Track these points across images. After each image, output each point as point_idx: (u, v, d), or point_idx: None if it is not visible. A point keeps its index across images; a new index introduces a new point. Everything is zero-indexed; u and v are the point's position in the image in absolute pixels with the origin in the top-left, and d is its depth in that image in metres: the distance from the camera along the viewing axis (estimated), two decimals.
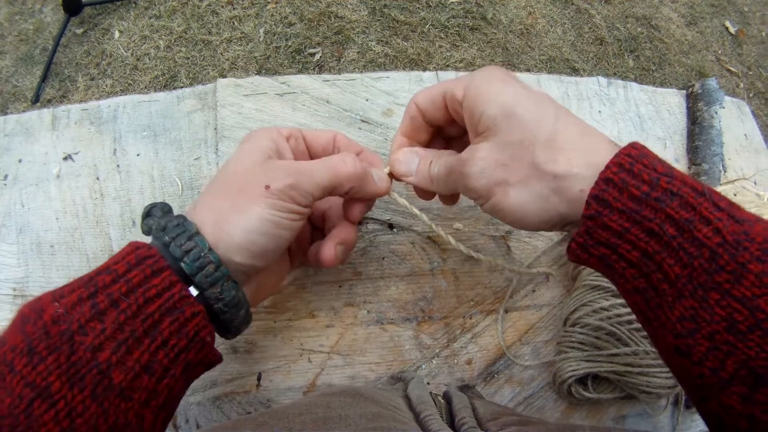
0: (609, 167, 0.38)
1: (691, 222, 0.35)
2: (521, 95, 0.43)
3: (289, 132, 0.50)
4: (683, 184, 0.36)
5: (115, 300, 0.36)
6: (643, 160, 0.37)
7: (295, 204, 0.43)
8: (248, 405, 0.55)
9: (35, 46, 2.00)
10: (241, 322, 0.45)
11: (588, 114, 0.73)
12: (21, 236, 0.59)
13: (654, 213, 0.36)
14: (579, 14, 2.35)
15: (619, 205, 0.37)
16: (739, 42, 2.64)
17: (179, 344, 0.38)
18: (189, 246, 0.40)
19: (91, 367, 0.34)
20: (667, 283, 0.36)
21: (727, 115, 0.79)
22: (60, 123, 0.64)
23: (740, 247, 0.33)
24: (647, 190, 0.36)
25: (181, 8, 2.01)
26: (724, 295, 0.33)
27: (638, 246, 0.37)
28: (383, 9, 2.07)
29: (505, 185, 0.42)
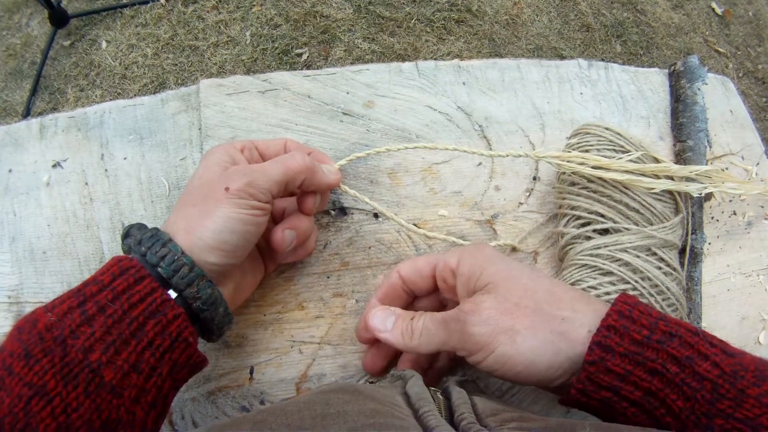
0: (609, 315, 0.41)
1: (692, 359, 0.38)
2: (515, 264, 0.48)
3: (242, 144, 0.54)
4: (679, 326, 0.40)
5: (102, 306, 0.39)
6: (639, 307, 0.41)
7: (255, 200, 0.46)
8: (242, 398, 0.56)
9: (24, 60, 2.00)
10: (222, 321, 0.47)
11: (570, 96, 0.74)
12: (14, 244, 0.60)
13: (656, 353, 0.39)
14: (564, 2, 2.36)
15: (622, 350, 0.39)
16: (726, 23, 2.64)
17: (163, 344, 0.41)
18: (163, 252, 0.43)
19: (84, 366, 0.37)
20: (670, 416, 0.38)
21: (711, 91, 0.80)
22: (48, 132, 0.64)
23: (737, 376, 0.37)
24: (647, 334, 0.39)
25: (166, 15, 2.01)
26: (727, 419, 0.36)
27: (641, 386, 0.39)
28: (368, 6, 2.08)
29: (512, 332, 0.43)
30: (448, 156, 0.67)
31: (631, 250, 0.57)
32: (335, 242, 0.62)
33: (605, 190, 0.58)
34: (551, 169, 0.68)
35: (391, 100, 0.68)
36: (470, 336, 0.44)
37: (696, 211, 0.69)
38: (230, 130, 0.64)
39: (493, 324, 0.44)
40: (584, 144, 0.61)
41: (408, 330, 0.50)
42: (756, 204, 0.76)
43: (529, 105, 0.72)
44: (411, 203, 0.64)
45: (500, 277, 0.46)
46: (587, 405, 0.43)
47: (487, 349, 0.44)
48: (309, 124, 0.65)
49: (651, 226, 0.58)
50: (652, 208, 0.58)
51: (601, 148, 0.60)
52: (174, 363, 0.42)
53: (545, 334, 0.43)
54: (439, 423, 0.38)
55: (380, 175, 0.65)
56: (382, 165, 0.65)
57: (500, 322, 0.44)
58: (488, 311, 0.44)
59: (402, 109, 0.68)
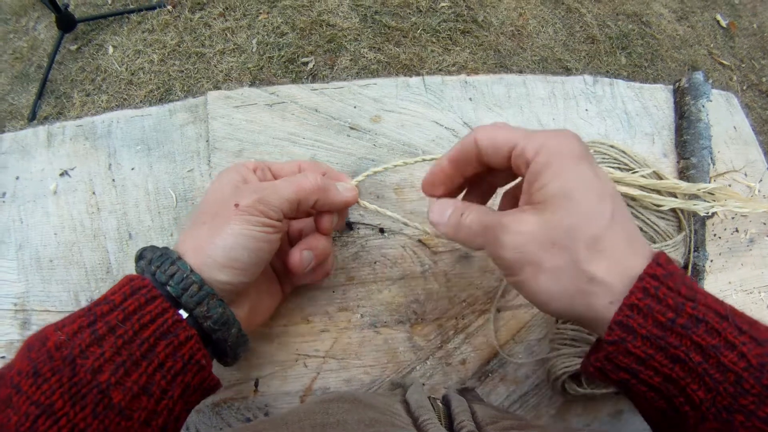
0: (634, 292, 0.37)
1: (717, 348, 0.35)
2: (588, 181, 0.41)
3: (255, 164, 0.53)
4: (707, 309, 0.36)
5: (112, 327, 0.39)
6: (669, 282, 0.37)
7: (266, 217, 0.46)
8: (246, 410, 0.56)
9: (30, 63, 2.01)
10: (236, 342, 0.47)
11: (575, 113, 0.74)
12: (20, 252, 0.60)
13: (680, 340, 0.36)
14: (570, 13, 2.36)
15: (644, 332, 0.36)
16: (730, 35, 2.64)
17: (175, 367, 0.40)
18: (172, 270, 0.43)
19: (92, 387, 0.36)
20: (689, 405, 0.36)
21: (715, 108, 0.80)
22: (55, 140, 0.64)
23: (764, 370, 0.34)
24: (673, 317, 0.36)
25: (173, 22, 2.02)
26: (749, 416, 0.34)
27: (661, 372, 0.37)
28: (374, 16, 2.08)
29: (537, 269, 0.40)
30: None
31: None
32: (341, 257, 0.62)
33: None
34: None
35: (397, 115, 0.69)
36: (499, 255, 0.42)
37: (699, 228, 0.69)
38: (237, 143, 0.64)
39: (522, 252, 0.40)
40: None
41: (457, 224, 0.47)
42: (758, 221, 0.76)
43: (535, 121, 0.72)
44: (416, 219, 0.64)
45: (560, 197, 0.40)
46: (605, 381, 0.41)
47: (510, 273, 0.42)
48: (316, 138, 0.66)
49: (654, 244, 0.58)
50: (656, 226, 0.59)
51: (606, 165, 0.60)
52: (186, 386, 0.41)
53: (566, 285, 0.39)
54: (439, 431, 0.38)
55: (386, 190, 0.65)
56: (388, 180, 0.65)
57: (530, 254, 0.40)
58: (522, 237, 0.41)
59: (409, 124, 0.68)
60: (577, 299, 0.39)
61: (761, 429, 0.33)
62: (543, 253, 0.40)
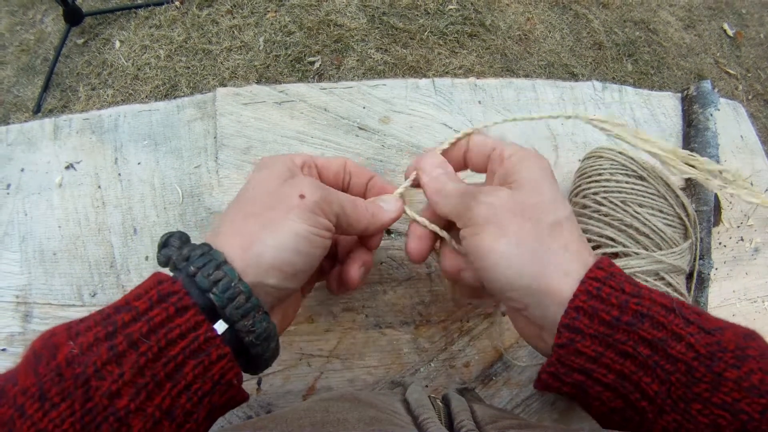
0: (577, 295, 0.38)
1: (664, 341, 0.36)
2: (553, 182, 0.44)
3: (302, 160, 0.49)
4: (652, 303, 0.37)
5: (134, 341, 0.34)
6: (610, 282, 0.38)
7: (327, 219, 0.43)
8: (249, 409, 0.56)
9: (36, 56, 2.01)
10: (271, 356, 0.43)
11: None
12: (24, 244, 0.60)
13: (627, 335, 0.37)
14: (577, 19, 2.36)
15: (591, 331, 0.37)
16: (737, 44, 2.64)
17: (203, 388, 0.36)
18: (218, 276, 0.38)
19: (108, 414, 0.32)
20: (646, 400, 0.36)
21: (722, 117, 0.80)
22: (62, 132, 0.64)
23: (714, 358, 0.34)
24: (617, 315, 0.37)
25: (181, 18, 2.02)
26: (705, 404, 0.34)
27: (613, 369, 0.37)
28: (382, 17, 2.08)
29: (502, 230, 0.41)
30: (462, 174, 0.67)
31: (640, 275, 0.57)
32: None
33: (616, 213, 0.59)
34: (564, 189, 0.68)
35: (407, 117, 0.69)
36: (471, 211, 0.43)
37: (704, 236, 0.69)
38: (245, 140, 0.64)
39: (493, 211, 0.42)
40: (597, 167, 0.61)
41: (441, 184, 0.48)
42: (763, 230, 0.76)
43: (543, 126, 0.72)
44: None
45: (529, 181, 0.43)
46: (560, 390, 0.41)
47: (475, 229, 0.42)
48: (324, 137, 0.66)
49: (660, 251, 0.58)
50: (662, 233, 0.58)
51: (614, 172, 0.60)
52: (213, 406, 0.37)
53: (524, 251, 0.40)
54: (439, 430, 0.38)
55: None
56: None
57: (498, 216, 0.42)
58: (498, 200, 0.43)
59: (417, 125, 0.68)
60: (531, 267, 0.40)
61: (719, 415, 0.34)
62: (510, 218, 0.41)
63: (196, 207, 0.62)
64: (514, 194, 0.43)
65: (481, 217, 0.42)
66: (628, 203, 0.58)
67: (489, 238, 0.41)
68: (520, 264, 0.40)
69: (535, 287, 0.40)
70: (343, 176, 0.52)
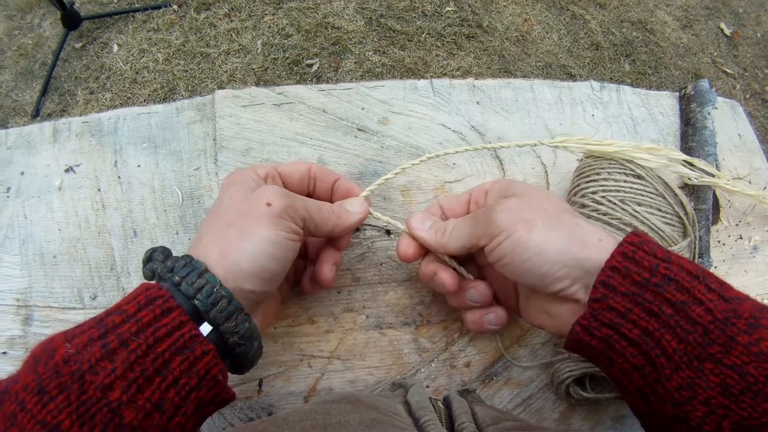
0: (614, 256, 0.42)
1: (686, 303, 0.39)
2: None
3: (265, 171, 0.52)
4: (680, 269, 0.40)
5: (125, 340, 0.37)
6: (644, 247, 0.42)
7: (294, 223, 0.45)
8: (250, 410, 0.56)
9: (35, 60, 2.01)
10: (254, 355, 0.45)
11: (582, 118, 0.74)
12: (24, 247, 0.60)
13: (654, 296, 0.40)
14: (574, 20, 2.37)
15: (623, 289, 0.41)
16: (734, 44, 2.65)
17: (190, 383, 0.38)
18: (200, 283, 0.40)
19: (102, 405, 0.34)
20: (665, 357, 0.39)
21: (720, 115, 0.80)
22: (61, 136, 0.64)
23: (729, 323, 0.37)
24: (647, 276, 0.40)
25: (179, 21, 2.02)
26: (717, 364, 0.37)
27: (639, 324, 0.40)
28: (380, 19, 2.09)
29: (531, 224, 0.45)
30: (460, 175, 0.67)
31: None
32: (347, 258, 0.62)
33: (615, 212, 0.59)
34: (563, 189, 0.69)
35: (405, 118, 0.69)
36: (493, 221, 0.47)
37: (703, 235, 0.69)
38: (245, 142, 0.64)
39: (515, 213, 0.47)
40: (595, 167, 0.61)
41: (441, 228, 0.53)
42: (762, 228, 0.76)
43: (542, 126, 0.72)
44: None
45: (525, 190, 0.50)
46: (588, 347, 0.44)
47: (506, 233, 0.46)
48: (323, 139, 0.66)
49: None
50: (661, 232, 0.58)
51: (612, 171, 0.60)
52: (200, 401, 0.39)
53: (559, 233, 0.45)
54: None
55: (393, 191, 0.65)
56: (395, 182, 0.65)
57: (522, 213, 0.46)
58: (513, 204, 0.48)
59: (416, 126, 0.69)
60: (570, 242, 0.44)
61: (729, 375, 0.36)
62: (532, 213, 0.46)
63: (196, 209, 0.62)
64: (523, 199, 0.48)
65: (505, 223, 0.46)
66: (626, 202, 0.58)
67: (524, 235, 0.45)
68: (560, 243, 0.44)
69: (581, 257, 0.44)
70: (308, 181, 0.55)
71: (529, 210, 0.47)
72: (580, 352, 0.46)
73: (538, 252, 0.44)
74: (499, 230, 0.46)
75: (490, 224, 0.47)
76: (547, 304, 0.48)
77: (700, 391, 0.37)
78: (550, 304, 0.48)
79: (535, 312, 0.51)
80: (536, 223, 0.45)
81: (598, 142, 0.60)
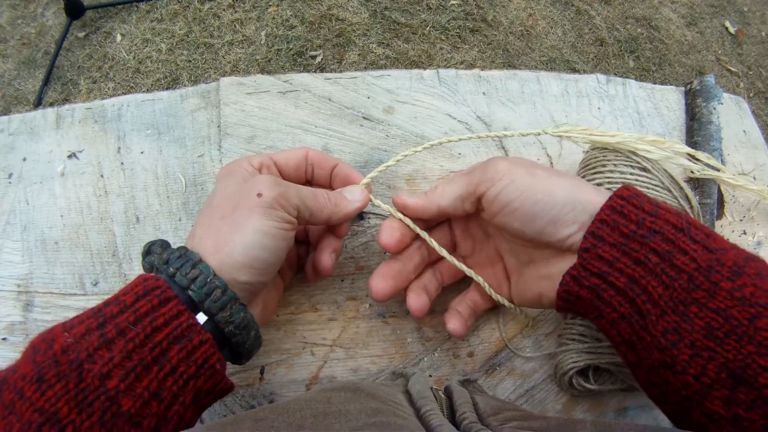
0: (603, 209, 0.44)
1: (671, 252, 0.40)
2: None
3: (259, 161, 0.51)
4: (665, 223, 0.42)
5: (122, 329, 0.37)
6: (633, 201, 0.44)
7: (286, 212, 0.45)
8: (251, 398, 0.56)
9: (37, 49, 2.01)
10: (252, 344, 0.46)
11: (588, 111, 0.74)
12: (25, 233, 0.60)
13: (640, 246, 0.42)
14: (579, 15, 2.36)
15: (611, 240, 0.43)
16: (738, 42, 2.64)
17: (188, 371, 0.39)
18: (194, 274, 0.41)
19: (100, 393, 0.35)
20: (651, 303, 0.40)
21: (725, 111, 0.80)
22: (64, 122, 0.64)
23: (712, 271, 0.39)
24: (634, 229, 0.42)
25: (182, 11, 2.02)
26: (701, 308, 0.38)
27: (626, 273, 0.42)
28: (384, 11, 2.08)
29: (532, 170, 0.47)
30: (465, 165, 0.67)
31: None
32: (351, 246, 0.62)
33: None
34: None
35: (411, 107, 0.68)
36: (493, 167, 0.48)
37: None
38: (249, 129, 0.64)
39: (511, 162, 0.48)
40: (601, 159, 0.61)
41: (431, 189, 0.52)
42: (766, 223, 0.76)
43: (548, 118, 0.72)
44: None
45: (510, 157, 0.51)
46: (578, 298, 0.45)
47: (509, 176, 0.47)
48: (329, 127, 0.66)
49: None
50: None
51: (618, 163, 0.60)
52: (198, 390, 0.40)
53: (562, 179, 0.47)
54: (441, 422, 0.38)
55: (398, 180, 0.65)
56: (400, 171, 0.65)
57: (518, 163, 0.48)
58: (508, 158, 0.50)
59: (422, 116, 0.68)
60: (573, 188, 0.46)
61: (713, 318, 0.38)
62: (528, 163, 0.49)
63: (200, 196, 0.62)
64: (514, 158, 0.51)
65: (504, 168, 0.47)
66: None
67: (528, 177, 0.46)
68: (565, 186, 0.46)
69: (585, 199, 0.45)
70: (305, 168, 0.54)
71: (524, 163, 0.48)
72: (570, 308, 0.47)
73: (547, 193, 0.45)
74: (501, 174, 0.47)
75: (489, 170, 0.48)
76: (547, 266, 0.49)
77: (685, 335, 0.38)
78: (550, 265, 0.49)
79: (533, 282, 0.51)
80: (536, 171, 0.47)
81: (601, 132, 0.60)
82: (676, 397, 0.40)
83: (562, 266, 0.46)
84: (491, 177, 0.47)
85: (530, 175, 0.46)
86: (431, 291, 0.56)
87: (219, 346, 0.42)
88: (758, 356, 0.36)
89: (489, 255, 0.57)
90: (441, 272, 0.58)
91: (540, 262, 0.50)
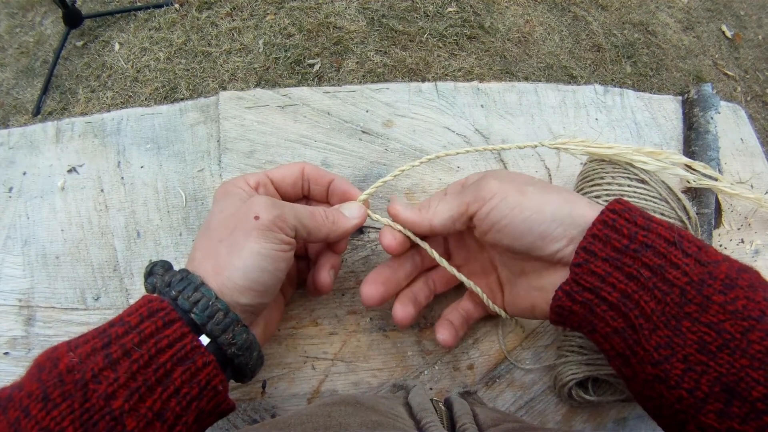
0: (595, 224, 0.44)
1: (663, 267, 0.41)
2: None
3: (255, 180, 0.52)
4: (657, 237, 0.42)
5: (128, 350, 0.37)
6: (625, 215, 0.44)
7: (284, 234, 0.45)
8: (253, 412, 0.56)
9: (36, 58, 2.01)
10: (255, 364, 0.46)
11: (585, 122, 0.74)
12: (26, 248, 0.60)
13: (632, 260, 0.42)
14: (576, 21, 2.37)
15: (604, 255, 0.43)
16: (735, 46, 2.65)
17: (191, 393, 0.39)
18: (196, 297, 0.41)
19: (105, 413, 0.35)
20: (643, 318, 0.40)
21: (723, 119, 0.80)
22: (64, 136, 0.64)
23: (704, 284, 0.39)
24: (627, 243, 0.42)
25: (180, 20, 2.02)
26: (694, 322, 0.38)
27: (618, 288, 0.42)
28: (381, 19, 2.09)
29: (523, 188, 0.47)
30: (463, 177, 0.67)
31: None
32: (351, 260, 0.62)
33: None
34: None
35: (410, 120, 0.69)
36: (484, 186, 0.48)
37: (706, 238, 0.69)
38: (249, 144, 0.64)
39: (502, 179, 0.49)
40: (599, 170, 0.61)
41: (425, 205, 0.53)
42: (763, 232, 0.76)
43: (546, 130, 0.72)
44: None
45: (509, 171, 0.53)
46: (571, 313, 0.45)
47: (500, 196, 0.47)
48: (328, 141, 0.66)
49: None
50: None
51: (615, 175, 0.60)
52: (201, 411, 0.40)
53: (552, 194, 0.47)
54: None
55: (397, 194, 0.65)
56: (399, 185, 0.65)
57: (510, 180, 0.49)
58: (500, 174, 0.50)
59: (420, 129, 0.69)
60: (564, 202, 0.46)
61: (706, 333, 0.37)
62: (523, 181, 0.49)
63: (200, 210, 0.62)
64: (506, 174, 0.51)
65: (495, 187, 0.48)
66: None
67: (517, 195, 0.47)
68: (555, 202, 0.46)
69: (576, 214, 0.45)
70: (301, 184, 0.55)
71: (517, 180, 0.49)
72: (563, 322, 0.48)
73: (536, 210, 0.46)
74: (492, 193, 0.47)
75: (480, 189, 0.48)
76: (539, 278, 0.49)
77: (678, 349, 0.38)
78: (542, 277, 0.49)
79: (525, 293, 0.51)
80: (527, 189, 0.47)
81: (598, 144, 0.60)
82: (670, 410, 0.40)
83: (554, 279, 0.47)
84: (483, 196, 0.48)
85: (520, 192, 0.47)
86: (421, 300, 0.56)
87: (222, 367, 0.42)
88: (751, 369, 0.36)
89: (483, 265, 0.57)
90: (434, 280, 0.58)
91: (532, 274, 0.50)
